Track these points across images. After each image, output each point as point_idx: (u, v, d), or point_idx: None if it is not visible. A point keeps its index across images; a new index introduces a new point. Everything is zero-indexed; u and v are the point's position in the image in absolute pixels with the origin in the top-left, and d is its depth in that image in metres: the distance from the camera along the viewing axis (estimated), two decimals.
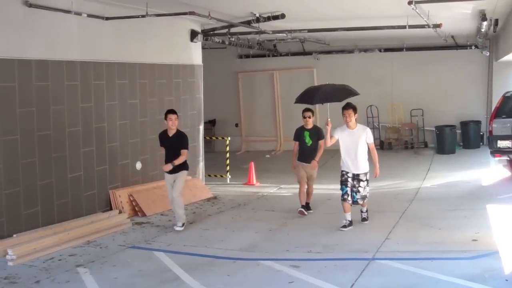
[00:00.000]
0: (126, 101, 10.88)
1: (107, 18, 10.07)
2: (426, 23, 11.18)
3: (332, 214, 10.06)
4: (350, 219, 9.13)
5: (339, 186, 9.13)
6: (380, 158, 10.79)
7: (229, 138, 14.72)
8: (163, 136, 9.65)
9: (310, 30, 13.28)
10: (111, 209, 10.29)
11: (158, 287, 6.72)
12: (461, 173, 14.12)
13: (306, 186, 10.34)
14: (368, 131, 9.17)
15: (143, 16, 9.79)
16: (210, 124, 19.90)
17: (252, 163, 14.00)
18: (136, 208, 10.49)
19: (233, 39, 15.05)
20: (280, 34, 14.16)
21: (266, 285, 6.68)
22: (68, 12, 9.23)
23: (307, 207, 10.37)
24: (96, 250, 8.28)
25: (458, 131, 18.12)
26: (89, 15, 9.69)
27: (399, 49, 18.62)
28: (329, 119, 9.20)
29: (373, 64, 19.00)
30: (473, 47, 17.88)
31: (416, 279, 6.58)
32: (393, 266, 7.10)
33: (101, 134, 10.25)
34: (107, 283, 6.87)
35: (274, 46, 19.20)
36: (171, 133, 9.52)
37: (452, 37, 17.23)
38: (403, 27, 11.20)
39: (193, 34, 13.06)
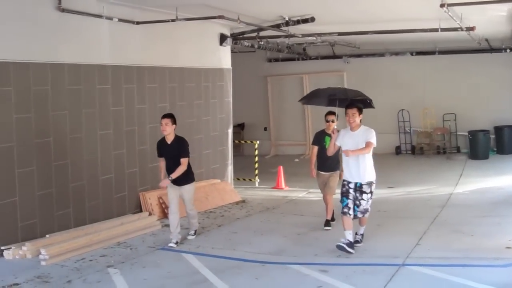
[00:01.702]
0: (156, 105, 10.98)
1: (138, 23, 10.19)
2: (459, 26, 11.03)
3: None
4: (351, 239, 7.89)
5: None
6: (411, 163, 10.70)
7: (258, 142, 14.72)
8: (161, 145, 8.72)
9: (340, 34, 13.22)
10: (141, 211, 10.38)
11: None
12: (494, 179, 13.85)
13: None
14: (371, 132, 7.92)
15: (173, 21, 9.88)
16: (239, 128, 19.93)
17: (281, 167, 13.98)
18: (166, 211, 10.54)
19: (262, 43, 15.07)
20: (310, 38, 14.14)
21: None
22: (99, 16, 9.37)
23: (327, 223, 9.44)
24: (126, 251, 8.37)
25: (492, 136, 17.77)
26: (120, 20, 9.81)
27: (431, 53, 18.37)
28: (335, 127, 8.55)
29: (405, 68, 18.80)
30: (508, 50, 17.54)
31: (447, 286, 6.48)
32: (423, 272, 7.00)
33: (132, 137, 10.36)
34: (137, 284, 6.94)
35: (304, 49, 19.16)
36: (169, 140, 8.61)
37: (486, 40, 16.93)
38: (435, 30, 11.07)
39: (223, 38, 13.12)
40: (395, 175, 14.53)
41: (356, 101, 8.26)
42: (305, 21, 11.88)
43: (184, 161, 8.48)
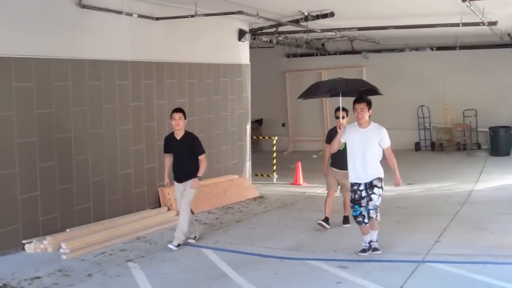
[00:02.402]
0: (175, 100, 11.01)
1: (157, 19, 10.23)
2: (480, 21, 10.89)
3: (381, 215, 9.87)
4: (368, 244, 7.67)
5: (387, 187, 7.80)
6: (431, 159, 10.48)
7: (276, 138, 14.71)
8: (170, 140, 8.41)
9: (359, 29, 13.16)
10: (160, 206, 10.43)
11: (206, 283, 6.78)
12: None
13: (334, 196, 9.30)
14: (384, 132, 7.45)
15: (192, 16, 9.90)
16: (257, 124, 19.93)
17: (299, 163, 13.95)
18: None
19: (280, 38, 15.03)
20: (329, 33, 14.07)
21: (313, 284, 6.63)
22: (119, 12, 9.42)
23: (345, 220, 9.40)
24: (146, 246, 8.42)
25: None
26: (140, 16, 9.86)
27: (452, 48, 18.20)
28: (341, 122, 7.92)
29: (425, 63, 18.63)
30: None
31: (468, 283, 6.42)
32: (443, 269, 6.94)
33: (151, 132, 10.41)
34: (156, 278, 6.97)
35: (323, 45, 19.08)
36: (179, 135, 8.31)
37: (509, 34, 16.69)
38: (457, 25, 10.94)
39: (241, 34, 13.11)
40: (415, 172, 14.41)
41: (364, 93, 7.72)
42: (324, 16, 11.83)
43: (202, 157, 8.28)
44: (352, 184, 7.53)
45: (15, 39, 7.95)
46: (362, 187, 7.43)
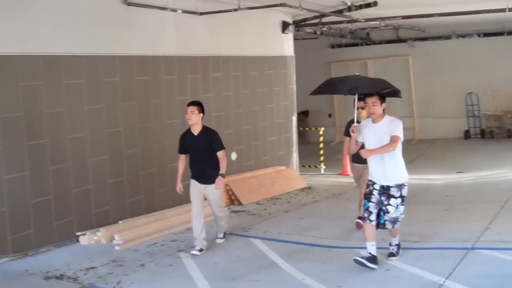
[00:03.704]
0: (221, 94, 11.16)
1: (201, 13, 10.37)
2: None
3: (430, 204, 9.86)
4: (374, 253, 6.63)
5: (436, 176, 7.94)
6: (481, 147, 10.25)
7: (322, 129, 14.70)
8: (187, 136, 7.72)
9: (404, 17, 12.99)
10: None
11: (256, 272, 6.89)
12: None
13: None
14: (395, 124, 6.61)
15: (235, 10, 10.02)
16: (303, 115, 19.93)
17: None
18: (233, 197, 10.75)
19: (324, 29, 15.00)
20: (373, 22, 13.96)
21: (362, 272, 6.63)
22: (164, 9, 9.60)
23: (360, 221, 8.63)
24: None
25: None
26: (184, 11, 10.02)
27: (500, 34, 17.77)
28: (356, 124, 6.88)
29: (472, 50, 18.24)
30: None
31: None
32: (493, 255, 6.86)
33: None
34: (207, 267, 7.12)
35: (367, 34, 18.91)
36: (195, 131, 7.63)
37: None
38: (503, 10, 10.71)
39: (285, 25, 13.14)
40: (464, 160, 14.18)
41: (387, 96, 6.96)
42: (367, 5, 11.76)
43: (222, 154, 7.60)
44: (369, 180, 6.87)
45: (65, 38, 8.21)
46: (377, 186, 6.70)
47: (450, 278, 6.17)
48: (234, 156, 11.43)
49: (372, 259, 6.60)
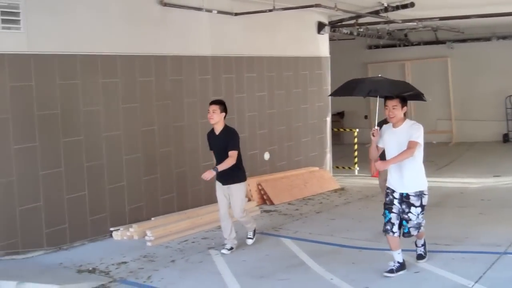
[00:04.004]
0: (254, 94, 11.22)
1: (236, 14, 10.44)
2: None
3: (464, 207, 9.72)
4: (401, 260, 6.56)
5: (472, 180, 7.57)
6: None
7: (357, 130, 14.62)
8: (211, 136, 7.72)
9: (441, 18, 12.83)
10: None
11: (285, 271, 6.92)
12: None
13: None
14: (415, 128, 6.33)
15: (270, 11, 10.04)
16: (339, 116, 19.84)
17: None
18: (265, 197, 10.80)
19: (361, 30, 14.91)
20: (410, 23, 13.81)
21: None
22: (199, 9, 9.71)
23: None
24: None
25: None
26: (219, 12, 10.10)
27: None
28: (377, 128, 6.60)
29: None
30: None
31: None
32: None
33: (231, 125, 10.56)
34: (236, 265, 7.19)
35: (405, 35, 18.70)
36: (217, 130, 7.58)
37: None
38: None
39: (320, 26, 13.12)
40: (502, 164, 13.88)
41: (409, 99, 6.77)
42: (404, 6, 11.63)
43: (232, 153, 7.42)
44: (387, 188, 6.61)
45: (102, 38, 8.40)
46: (396, 195, 6.48)
47: (480, 282, 6.09)
48: (267, 156, 11.49)
49: (400, 267, 6.56)
